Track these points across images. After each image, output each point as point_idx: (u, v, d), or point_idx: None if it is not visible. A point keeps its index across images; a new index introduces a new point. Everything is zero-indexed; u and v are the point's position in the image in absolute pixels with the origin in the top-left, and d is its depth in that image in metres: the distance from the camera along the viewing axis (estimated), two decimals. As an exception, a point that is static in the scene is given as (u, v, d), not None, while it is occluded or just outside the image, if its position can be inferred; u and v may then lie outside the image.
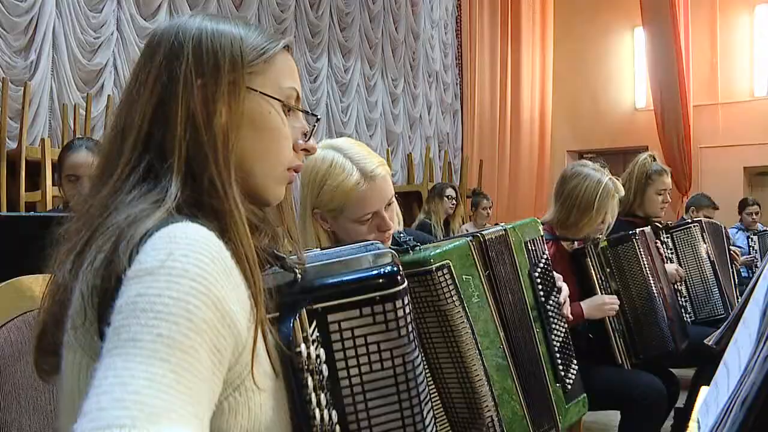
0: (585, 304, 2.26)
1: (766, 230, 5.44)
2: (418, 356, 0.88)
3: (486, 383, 1.47)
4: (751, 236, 5.35)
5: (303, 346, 0.81)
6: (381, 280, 0.86)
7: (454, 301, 1.42)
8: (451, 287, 1.42)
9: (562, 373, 1.80)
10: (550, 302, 1.78)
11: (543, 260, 1.75)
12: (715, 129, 8.90)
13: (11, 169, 4.45)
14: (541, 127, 9.87)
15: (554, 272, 1.82)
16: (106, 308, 0.68)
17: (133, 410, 0.58)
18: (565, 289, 1.89)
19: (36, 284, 1.07)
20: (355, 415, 0.85)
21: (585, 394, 1.84)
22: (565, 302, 1.86)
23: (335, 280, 0.86)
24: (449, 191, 5.84)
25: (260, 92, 0.88)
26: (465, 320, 1.45)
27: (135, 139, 0.83)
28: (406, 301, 0.87)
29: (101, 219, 0.77)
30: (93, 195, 0.83)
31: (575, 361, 1.83)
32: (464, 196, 7.68)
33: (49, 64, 5.06)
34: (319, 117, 1.02)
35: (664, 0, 8.26)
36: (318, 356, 0.82)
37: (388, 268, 0.88)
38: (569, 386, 1.82)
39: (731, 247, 3.46)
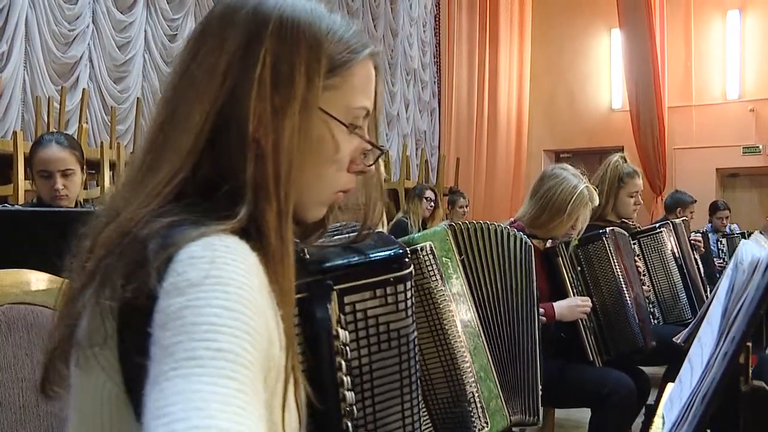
0: (557, 306, 2.28)
1: (734, 233, 5.53)
2: (415, 335, 0.90)
3: (468, 360, 1.54)
4: (720, 239, 5.44)
5: (341, 330, 0.81)
6: (395, 262, 0.87)
7: (437, 279, 1.53)
8: (434, 266, 1.53)
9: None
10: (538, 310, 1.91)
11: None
12: (689, 130, 9.04)
13: (-18, 162, 4.39)
14: (518, 126, 9.94)
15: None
16: (135, 325, 0.61)
17: None
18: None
19: (4, 278, 1.06)
20: (362, 394, 0.86)
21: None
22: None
23: (349, 260, 0.85)
24: (428, 193, 5.89)
25: (328, 114, 0.77)
26: (447, 297, 1.55)
27: (193, 142, 0.71)
28: (412, 282, 0.88)
29: (131, 230, 0.66)
30: (122, 197, 0.71)
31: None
32: (441, 194, 7.70)
33: (21, 56, 4.99)
34: (384, 150, 0.87)
35: (640, 3, 8.37)
36: (346, 337, 0.82)
37: (399, 249, 0.88)
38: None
39: (692, 239, 3.47)
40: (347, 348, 0.82)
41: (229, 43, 0.73)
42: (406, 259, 0.88)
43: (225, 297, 0.59)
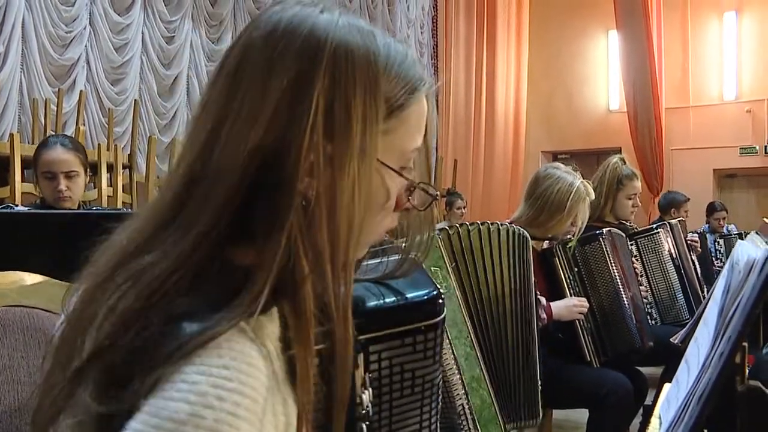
0: (554, 306, 2.29)
1: (731, 234, 5.54)
2: (440, 376, 0.84)
3: (456, 372, 1.52)
4: (717, 239, 5.44)
5: (362, 395, 0.73)
6: (427, 308, 0.78)
7: None
8: None
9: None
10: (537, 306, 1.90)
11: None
12: (686, 131, 9.04)
13: (-21, 165, 4.38)
14: (515, 127, 9.95)
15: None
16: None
17: None
18: (542, 300, 2.00)
19: (1, 280, 1.06)
20: None
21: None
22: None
23: (378, 305, 0.76)
24: None
25: (383, 163, 0.68)
26: None
27: (231, 197, 0.62)
28: (443, 328, 0.81)
29: (150, 309, 0.59)
30: (144, 250, 0.63)
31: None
32: (439, 196, 7.69)
33: (18, 58, 4.99)
34: (436, 197, 0.78)
35: (637, 4, 8.38)
36: (369, 398, 0.75)
37: (434, 291, 0.80)
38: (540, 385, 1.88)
39: (688, 239, 3.47)
40: (370, 407, 0.75)
41: (276, 83, 0.63)
42: (440, 300, 0.80)
43: None
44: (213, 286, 0.60)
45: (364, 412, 0.73)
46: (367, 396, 0.73)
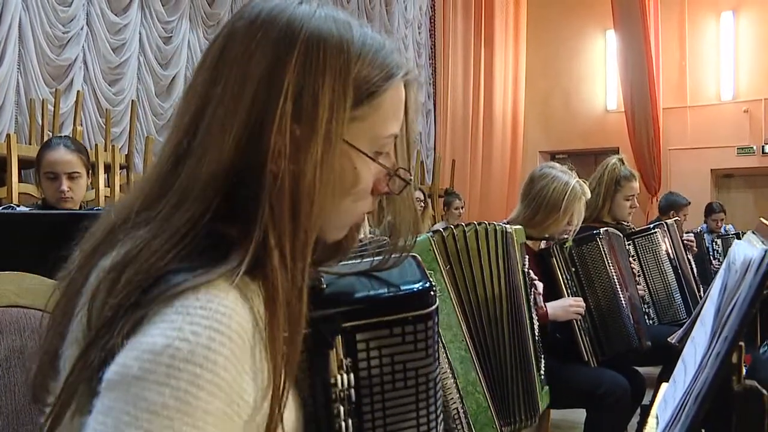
0: (550, 306, 2.29)
1: (728, 234, 5.55)
2: (438, 373, 0.84)
3: (450, 376, 1.50)
4: (715, 239, 5.45)
5: (338, 376, 0.75)
6: (416, 299, 0.79)
7: None
8: None
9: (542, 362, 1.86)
10: (532, 297, 1.89)
11: (526, 261, 1.88)
12: (684, 131, 9.06)
13: (-24, 165, 4.37)
14: (513, 127, 9.95)
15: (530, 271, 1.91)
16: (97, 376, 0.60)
17: None
18: (540, 286, 1.98)
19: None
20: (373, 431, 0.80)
21: (548, 386, 1.90)
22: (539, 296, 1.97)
23: (366, 294, 0.78)
24: (417, 193, 5.89)
25: (354, 147, 0.72)
26: None
27: (223, 178, 0.67)
28: (436, 319, 0.81)
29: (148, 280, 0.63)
30: (142, 226, 0.67)
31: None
32: (437, 196, 7.72)
33: (15, 58, 4.98)
34: (409, 181, 0.82)
35: (635, 4, 8.40)
36: (348, 382, 0.76)
37: (426, 283, 0.81)
38: (543, 376, 1.88)
39: (684, 239, 3.47)
40: (351, 391, 0.76)
41: (255, 71, 0.68)
42: (431, 293, 0.79)
43: (177, 376, 0.57)
44: (205, 257, 0.64)
45: (342, 394, 0.75)
46: (345, 379, 0.75)
